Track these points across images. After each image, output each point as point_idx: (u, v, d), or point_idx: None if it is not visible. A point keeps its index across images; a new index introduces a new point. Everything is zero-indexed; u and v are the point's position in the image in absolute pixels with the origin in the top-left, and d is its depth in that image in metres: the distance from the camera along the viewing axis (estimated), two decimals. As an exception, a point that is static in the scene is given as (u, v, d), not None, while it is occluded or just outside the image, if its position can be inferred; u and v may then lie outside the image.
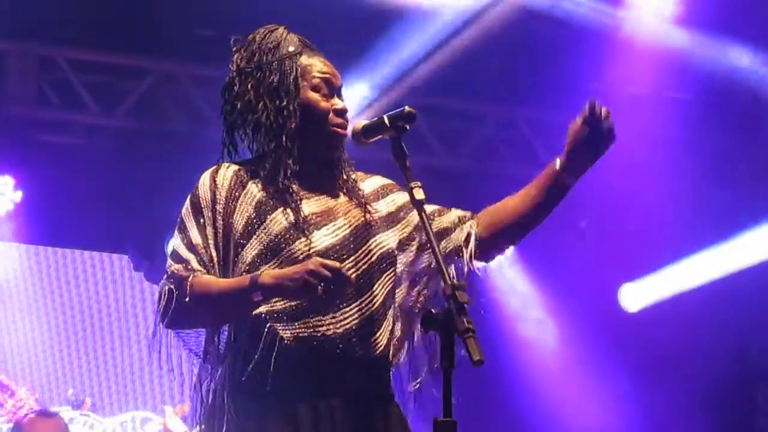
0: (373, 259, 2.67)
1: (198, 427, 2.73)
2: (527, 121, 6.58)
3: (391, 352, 2.73)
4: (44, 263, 6.83)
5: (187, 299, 2.53)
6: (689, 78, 6.19)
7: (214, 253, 2.66)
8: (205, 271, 2.61)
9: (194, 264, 2.61)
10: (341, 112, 2.65)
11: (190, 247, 2.65)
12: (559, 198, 2.67)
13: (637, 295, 7.20)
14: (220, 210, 2.65)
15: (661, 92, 6.25)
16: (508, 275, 6.83)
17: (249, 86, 2.65)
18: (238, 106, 2.64)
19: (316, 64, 2.68)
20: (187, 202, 2.69)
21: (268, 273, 2.53)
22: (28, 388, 6.65)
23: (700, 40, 5.98)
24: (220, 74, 3.02)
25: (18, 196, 6.17)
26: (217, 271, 2.64)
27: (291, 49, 2.70)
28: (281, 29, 2.71)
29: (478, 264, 2.71)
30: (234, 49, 2.70)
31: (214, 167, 2.68)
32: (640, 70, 6.10)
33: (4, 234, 6.36)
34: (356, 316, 2.66)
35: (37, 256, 6.81)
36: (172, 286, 2.58)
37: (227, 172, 2.63)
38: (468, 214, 2.73)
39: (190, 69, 6.11)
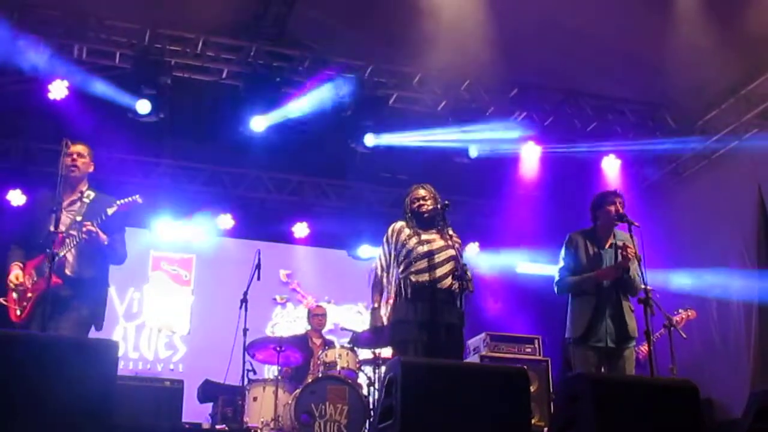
0: (446, 256, 5.75)
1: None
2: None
3: (453, 287, 5.71)
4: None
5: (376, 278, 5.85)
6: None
7: (391, 259, 5.82)
8: (386, 268, 5.80)
9: (382, 264, 5.85)
10: (420, 205, 5.87)
11: (380, 258, 5.87)
12: None
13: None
14: (392, 240, 5.83)
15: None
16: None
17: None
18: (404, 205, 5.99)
19: (417, 192, 5.96)
20: (384, 238, 5.90)
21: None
22: (313, 295, 11.60)
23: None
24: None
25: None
26: (390, 263, 5.82)
27: (411, 189, 6.06)
28: (416, 185, 6.01)
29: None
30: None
31: (394, 223, 5.91)
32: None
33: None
34: (446, 272, 5.73)
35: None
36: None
37: (398, 224, 5.90)
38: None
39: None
